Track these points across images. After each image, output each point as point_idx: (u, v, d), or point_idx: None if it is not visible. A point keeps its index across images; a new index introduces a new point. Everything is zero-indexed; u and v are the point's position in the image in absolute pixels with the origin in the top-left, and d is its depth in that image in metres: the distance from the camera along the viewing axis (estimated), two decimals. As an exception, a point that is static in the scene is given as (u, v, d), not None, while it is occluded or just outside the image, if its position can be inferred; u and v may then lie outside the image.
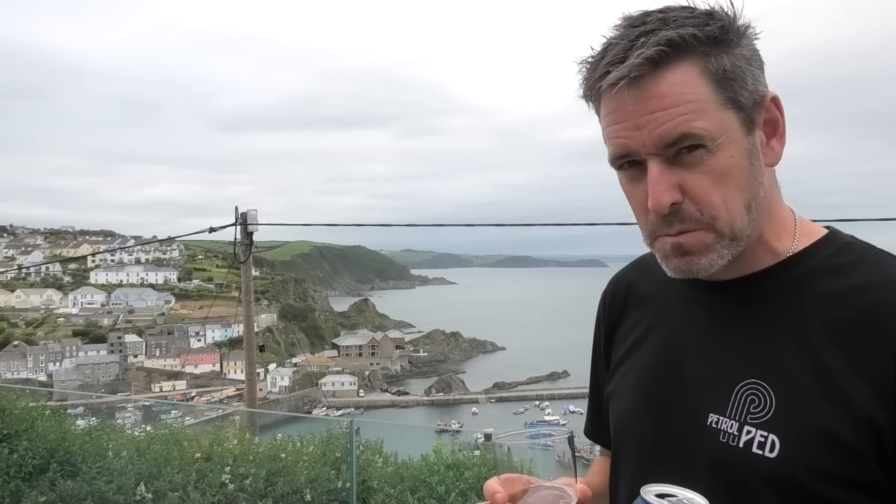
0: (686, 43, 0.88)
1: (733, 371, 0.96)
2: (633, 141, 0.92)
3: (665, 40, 0.88)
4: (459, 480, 4.76)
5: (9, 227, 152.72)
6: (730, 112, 0.91)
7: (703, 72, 0.89)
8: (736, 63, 0.91)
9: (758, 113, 0.93)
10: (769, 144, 0.96)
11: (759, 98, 0.93)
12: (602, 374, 1.23)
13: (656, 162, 0.92)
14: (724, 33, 0.90)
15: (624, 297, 1.20)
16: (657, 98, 0.89)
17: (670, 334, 1.08)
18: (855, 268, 0.95)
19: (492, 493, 0.91)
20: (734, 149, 0.91)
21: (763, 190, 0.95)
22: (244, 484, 5.02)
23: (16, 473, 5.02)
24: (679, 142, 0.90)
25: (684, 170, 0.92)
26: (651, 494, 0.81)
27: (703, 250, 0.95)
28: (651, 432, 1.04)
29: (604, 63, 0.91)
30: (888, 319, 0.88)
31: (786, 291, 0.97)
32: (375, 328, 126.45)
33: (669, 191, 0.91)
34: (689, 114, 0.89)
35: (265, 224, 10.82)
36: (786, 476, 0.88)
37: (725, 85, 0.90)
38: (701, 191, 0.92)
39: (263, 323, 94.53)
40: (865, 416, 0.85)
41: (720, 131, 0.90)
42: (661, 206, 0.92)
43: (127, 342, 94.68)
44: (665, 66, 0.89)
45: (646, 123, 0.90)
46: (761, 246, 0.99)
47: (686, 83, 0.89)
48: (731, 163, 0.91)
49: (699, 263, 0.95)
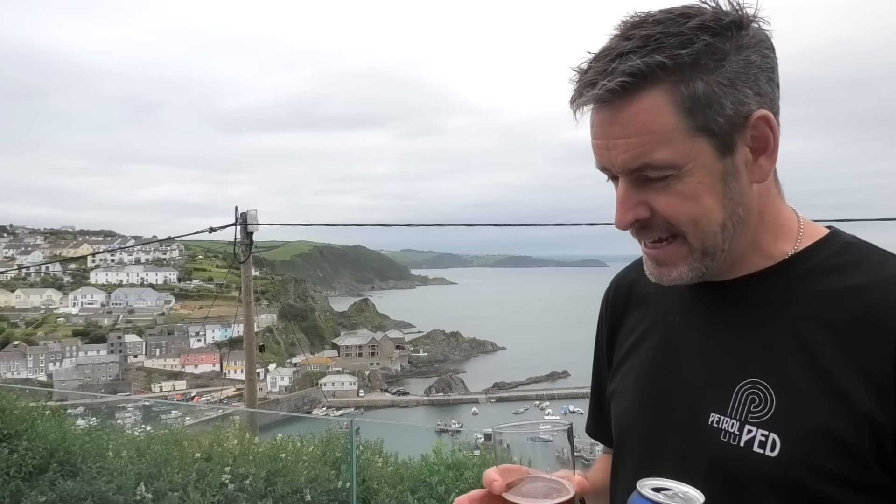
0: (653, 72, 0.88)
1: (734, 370, 0.96)
2: (605, 159, 0.95)
3: (629, 71, 0.88)
4: (459, 480, 4.75)
5: (9, 227, 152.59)
6: (699, 139, 0.90)
7: (671, 101, 0.89)
8: (711, 88, 0.89)
9: (739, 134, 0.92)
10: (756, 162, 0.95)
11: (741, 120, 0.92)
12: (604, 372, 1.23)
13: (624, 182, 0.95)
14: (701, 58, 0.89)
15: (626, 296, 1.21)
16: (621, 125, 0.91)
17: (671, 334, 1.08)
18: (855, 267, 0.95)
19: (489, 481, 0.92)
20: (703, 174, 0.91)
21: (743, 208, 0.95)
22: (244, 484, 5.02)
23: (16, 473, 5.02)
24: (641, 170, 0.92)
25: (652, 191, 0.93)
26: (647, 488, 0.82)
27: (676, 262, 0.97)
28: (652, 431, 1.04)
29: (582, 82, 0.93)
30: (887, 319, 0.88)
31: (786, 291, 0.97)
32: (375, 328, 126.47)
33: (633, 210, 0.95)
34: (650, 144, 0.90)
35: (265, 224, 10.83)
36: (786, 475, 0.88)
37: (696, 112, 0.89)
38: (668, 210, 0.94)
39: (263, 323, 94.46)
40: (865, 416, 0.86)
41: (686, 160, 0.90)
42: (622, 224, 0.96)
43: (127, 342, 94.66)
44: (632, 94, 0.89)
45: (613, 146, 0.92)
46: (756, 251, 1.00)
47: (652, 112, 0.89)
48: (700, 188, 0.92)
49: (671, 275, 0.99)
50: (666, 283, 1.00)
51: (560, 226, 72.10)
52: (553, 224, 73.42)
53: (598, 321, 1.28)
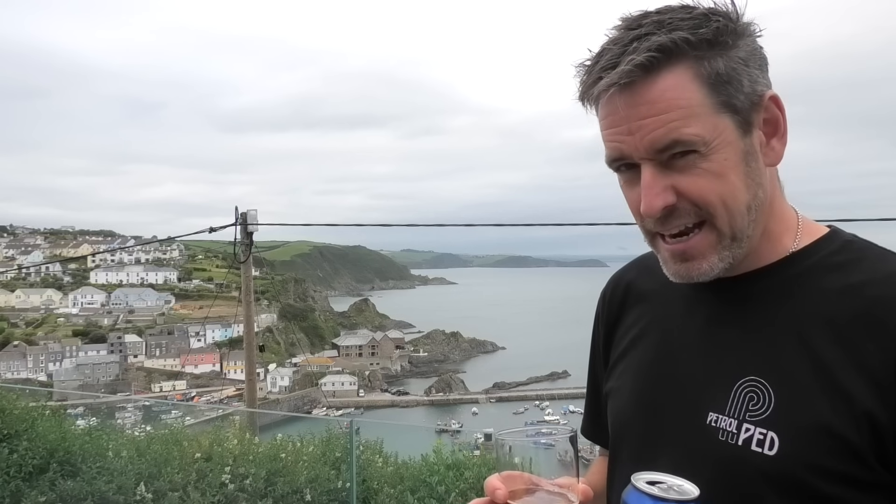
0: (678, 47, 0.88)
1: (732, 368, 0.96)
2: (627, 145, 0.93)
3: (656, 46, 0.88)
4: (459, 480, 4.76)
5: (9, 227, 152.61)
6: (724, 115, 0.90)
7: (696, 76, 0.89)
8: (731, 65, 0.90)
9: (755, 114, 0.93)
10: (769, 144, 0.95)
11: (757, 98, 0.93)
12: (601, 372, 1.22)
13: (649, 166, 0.92)
14: (719, 35, 0.90)
15: (623, 295, 1.20)
16: (648, 104, 0.89)
17: (669, 332, 1.07)
18: (855, 265, 0.95)
19: (492, 489, 0.90)
20: (729, 152, 0.91)
21: (762, 191, 0.95)
22: (244, 484, 5.02)
23: (16, 473, 5.02)
24: (670, 147, 0.90)
25: (677, 173, 0.92)
26: (642, 482, 0.83)
27: (705, 253, 0.95)
28: (649, 430, 1.03)
29: (597, 68, 0.92)
30: (887, 316, 0.88)
31: (785, 289, 0.97)
32: (375, 328, 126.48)
33: (662, 195, 0.92)
34: (679, 119, 0.89)
35: (265, 224, 10.85)
36: (785, 473, 0.87)
37: (719, 88, 0.90)
38: (696, 190, 0.92)
39: (263, 323, 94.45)
40: (865, 413, 0.85)
41: (713, 135, 0.90)
42: (652, 210, 0.93)
43: (127, 342, 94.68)
44: (657, 71, 0.89)
45: (637, 129, 0.91)
46: (764, 244, 0.99)
47: (678, 88, 0.89)
48: (727, 165, 0.91)
49: (700, 268, 0.96)
50: (695, 279, 0.97)
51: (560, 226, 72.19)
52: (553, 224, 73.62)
53: (594, 321, 1.27)
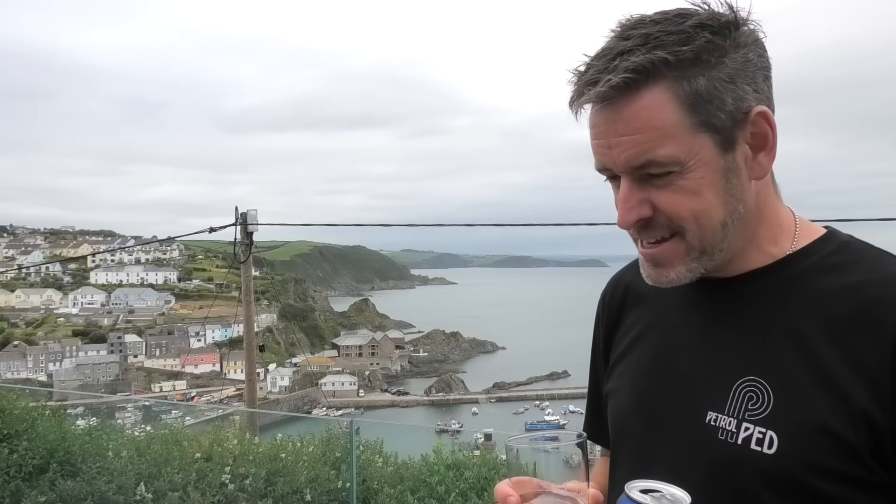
0: (655, 68, 0.89)
1: (731, 368, 0.96)
2: (607, 159, 0.95)
3: (633, 67, 0.88)
4: (459, 480, 4.75)
5: (9, 227, 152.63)
6: (703, 135, 0.91)
7: (674, 97, 0.90)
8: (713, 84, 0.90)
9: (739, 130, 0.93)
10: (756, 159, 0.95)
11: (742, 116, 0.92)
12: (601, 373, 1.23)
13: (627, 181, 0.94)
14: (702, 54, 0.90)
15: (622, 296, 1.21)
16: (625, 122, 0.91)
17: (668, 332, 1.08)
18: (852, 266, 0.95)
19: (503, 496, 0.90)
20: (705, 170, 0.92)
21: (743, 205, 0.96)
22: (244, 484, 5.02)
23: (16, 473, 5.02)
24: (645, 167, 0.92)
25: (654, 188, 0.93)
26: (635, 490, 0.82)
27: (673, 262, 0.97)
28: (649, 430, 1.04)
29: (581, 82, 0.93)
30: (884, 316, 0.88)
31: (783, 289, 0.97)
32: (375, 328, 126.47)
33: (636, 209, 0.94)
34: (654, 140, 0.90)
35: (265, 224, 10.85)
36: (784, 472, 0.88)
37: (699, 108, 0.90)
38: (670, 207, 0.93)
39: (263, 323, 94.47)
40: (862, 413, 0.86)
41: (689, 156, 0.91)
42: (626, 223, 0.96)
43: (127, 342, 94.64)
44: (635, 90, 0.89)
45: (616, 145, 0.92)
46: (754, 249, 1.00)
47: (654, 108, 0.90)
48: (703, 183, 0.92)
49: (668, 275, 0.98)
50: (663, 285, 1.00)
51: (560, 226, 71.89)
52: (553, 224, 73.43)
53: (594, 322, 1.27)
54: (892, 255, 0.98)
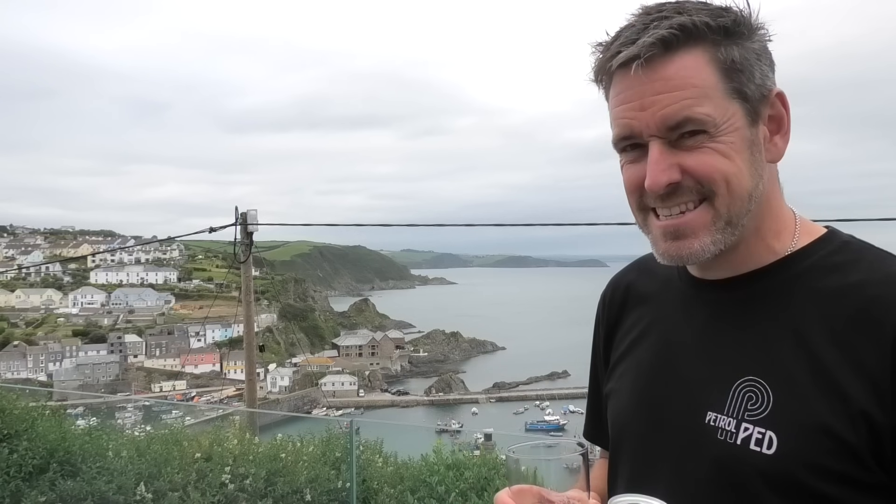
0: (697, 29, 0.91)
1: (731, 369, 0.96)
2: (638, 121, 0.94)
3: (678, 24, 0.91)
4: (459, 480, 4.75)
5: (9, 227, 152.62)
6: (735, 102, 0.93)
7: (712, 60, 0.92)
8: (745, 56, 0.93)
9: (763, 107, 0.95)
10: (772, 140, 0.97)
11: (766, 92, 0.95)
12: (601, 374, 1.24)
13: (657, 143, 0.94)
14: (737, 25, 0.93)
15: (623, 297, 1.21)
16: (664, 80, 0.92)
17: (668, 332, 1.08)
18: (853, 266, 0.95)
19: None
20: (736, 137, 0.93)
21: (762, 184, 0.97)
22: (244, 484, 5.02)
23: (16, 473, 5.01)
24: (682, 125, 0.92)
25: (685, 152, 0.94)
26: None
27: (698, 232, 0.96)
28: (648, 430, 1.04)
29: (616, 44, 0.94)
30: (884, 317, 0.88)
31: (783, 289, 0.97)
32: (375, 328, 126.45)
33: (668, 171, 0.94)
34: (693, 98, 0.91)
35: (265, 224, 10.83)
36: (783, 473, 0.88)
37: (733, 75, 0.92)
38: (702, 167, 0.93)
39: (263, 323, 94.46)
40: (862, 413, 0.86)
41: (723, 118, 0.92)
42: (657, 185, 0.94)
43: (127, 342, 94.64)
44: (675, 49, 0.91)
45: (651, 104, 0.92)
46: (759, 242, 1.00)
47: (694, 68, 0.92)
48: (733, 149, 0.93)
49: (692, 247, 0.96)
50: (683, 261, 0.99)
51: (560, 226, 71.90)
52: (553, 224, 73.51)
53: (595, 323, 1.27)
54: (893, 255, 0.98)
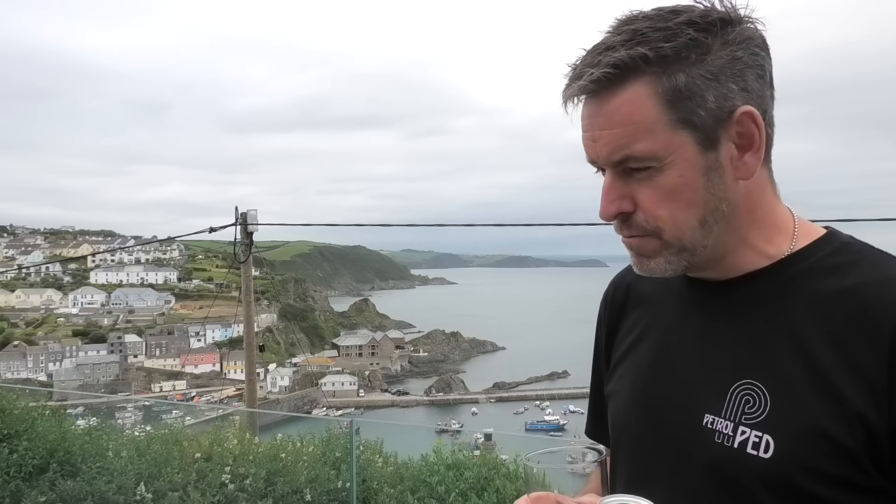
0: (635, 64, 0.90)
1: (729, 371, 0.96)
2: (592, 151, 0.97)
3: (613, 62, 0.90)
4: (459, 480, 4.75)
5: (9, 227, 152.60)
6: (681, 132, 0.91)
7: (653, 93, 0.90)
8: (693, 81, 0.90)
9: (722, 129, 0.93)
10: (742, 158, 0.95)
11: (725, 114, 0.92)
12: (603, 374, 1.24)
13: (610, 173, 0.96)
14: (682, 51, 0.90)
15: (624, 297, 1.21)
16: (606, 116, 0.93)
17: (667, 334, 1.08)
18: (851, 268, 0.94)
19: None
20: (684, 167, 0.92)
21: (727, 204, 0.95)
22: (244, 484, 5.02)
23: (16, 473, 5.01)
24: (623, 162, 0.93)
25: (637, 183, 0.94)
26: None
27: (650, 254, 0.98)
28: (646, 432, 1.04)
29: (571, 75, 0.95)
30: (882, 319, 0.87)
31: (781, 291, 0.97)
32: (375, 328, 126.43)
33: (616, 202, 0.95)
34: (632, 136, 0.91)
35: (265, 224, 10.84)
36: (780, 476, 0.88)
37: (678, 105, 0.91)
38: (648, 204, 0.94)
39: (263, 323, 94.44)
40: (859, 416, 0.85)
41: (667, 152, 0.91)
42: (605, 215, 0.98)
43: (127, 342, 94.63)
44: (617, 85, 0.91)
45: (598, 138, 0.94)
46: (749, 250, 0.99)
47: (634, 103, 0.91)
48: (681, 181, 0.93)
49: (648, 265, 0.99)
50: (647, 275, 1.01)
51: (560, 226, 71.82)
52: (553, 224, 73.11)
53: (597, 323, 1.27)
54: (893, 256, 0.97)
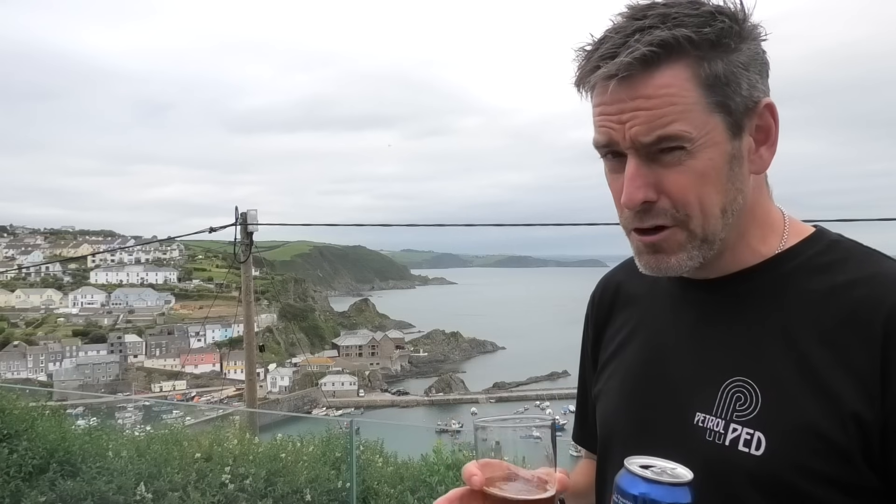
0: (679, 45, 0.88)
1: (719, 369, 0.96)
2: (616, 133, 0.92)
3: (658, 41, 0.88)
4: (459, 480, 4.74)
5: (9, 227, 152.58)
6: (716, 116, 0.90)
7: (694, 76, 0.89)
8: (730, 68, 0.90)
9: (748, 118, 0.93)
10: (758, 152, 0.95)
11: (753, 104, 0.92)
12: (589, 375, 1.22)
13: (634, 158, 0.92)
14: (723, 37, 0.89)
15: (612, 297, 1.20)
16: (643, 98, 0.89)
17: (657, 333, 1.07)
18: (841, 266, 0.95)
19: (469, 475, 0.91)
20: (714, 152, 0.91)
21: (742, 196, 0.95)
22: (244, 484, 5.02)
23: (16, 473, 5.02)
24: (657, 143, 0.90)
25: (662, 168, 0.92)
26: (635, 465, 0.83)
27: (674, 249, 0.95)
28: (637, 432, 1.04)
29: (596, 56, 0.91)
30: (873, 316, 0.87)
31: (772, 289, 0.97)
32: (375, 328, 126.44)
33: (643, 188, 0.92)
34: (670, 116, 0.89)
35: (265, 224, 10.85)
36: (771, 474, 0.87)
37: (716, 89, 0.90)
38: (677, 189, 0.92)
39: (263, 323, 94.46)
40: (852, 414, 0.85)
41: (701, 133, 0.90)
42: (632, 202, 0.93)
43: (127, 342, 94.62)
44: (655, 66, 0.89)
45: (629, 119, 0.91)
46: (745, 248, 0.99)
47: (674, 85, 0.89)
48: (710, 165, 0.91)
49: (668, 262, 0.96)
50: (662, 273, 0.98)
51: (560, 226, 71.89)
52: (553, 224, 73.52)
53: (584, 323, 1.26)
54: (881, 253, 0.97)
